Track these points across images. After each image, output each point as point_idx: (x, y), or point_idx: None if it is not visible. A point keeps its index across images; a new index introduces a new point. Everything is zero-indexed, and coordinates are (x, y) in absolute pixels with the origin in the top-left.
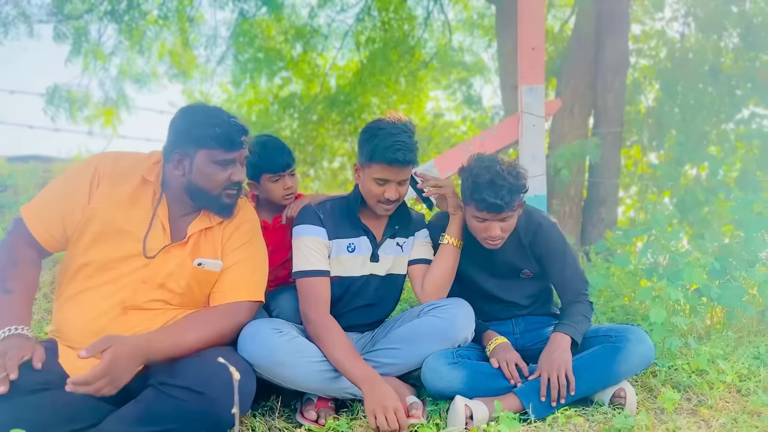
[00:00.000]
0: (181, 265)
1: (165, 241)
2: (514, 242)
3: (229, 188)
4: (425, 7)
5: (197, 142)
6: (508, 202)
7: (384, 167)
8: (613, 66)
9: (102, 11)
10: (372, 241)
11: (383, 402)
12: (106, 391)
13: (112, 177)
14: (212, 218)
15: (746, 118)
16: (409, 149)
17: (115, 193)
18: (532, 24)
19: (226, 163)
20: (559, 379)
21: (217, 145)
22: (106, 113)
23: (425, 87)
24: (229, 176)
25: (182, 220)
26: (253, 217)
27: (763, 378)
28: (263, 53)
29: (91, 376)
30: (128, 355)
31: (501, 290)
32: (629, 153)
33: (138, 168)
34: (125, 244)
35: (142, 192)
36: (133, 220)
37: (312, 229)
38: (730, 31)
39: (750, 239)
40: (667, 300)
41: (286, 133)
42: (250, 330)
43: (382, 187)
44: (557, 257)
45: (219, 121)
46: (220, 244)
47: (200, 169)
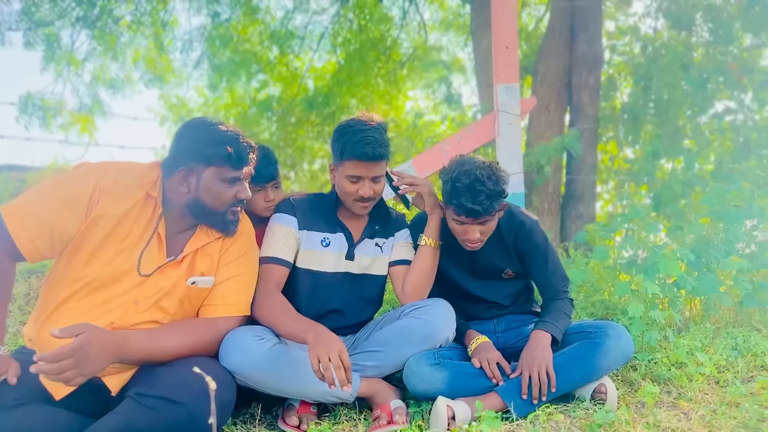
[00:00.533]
0: (175, 284)
1: (160, 260)
2: (497, 241)
3: (235, 205)
4: (401, 7)
5: (206, 159)
6: (487, 208)
7: (355, 163)
8: (587, 63)
9: (74, 17)
10: (348, 238)
11: (328, 345)
12: (70, 374)
13: (114, 193)
14: (210, 234)
15: (719, 111)
16: (378, 144)
17: (119, 210)
18: (505, 23)
19: (234, 180)
20: (540, 376)
21: (226, 163)
22: (82, 120)
23: (403, 87)
24: (236, 194)
25: (179, 237)
26: (249, 230)
27: (741, 369)
28: (239, 56)
29: (57, 354)
30: (100, 344)
31: (483, 291)
32: (606, 149)
33: (142, 183)
34: (120, 262)
35: (144, 208)
36: (131, 236)
37: (283, 218)
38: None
39: (726, 230)
40: (645, 294)
41: (264, 136)
42: (231, 337)
43: (355, 185)
44: (539, 255)
45: (229, 139)
46: (217, 257)
47: (208, 187)
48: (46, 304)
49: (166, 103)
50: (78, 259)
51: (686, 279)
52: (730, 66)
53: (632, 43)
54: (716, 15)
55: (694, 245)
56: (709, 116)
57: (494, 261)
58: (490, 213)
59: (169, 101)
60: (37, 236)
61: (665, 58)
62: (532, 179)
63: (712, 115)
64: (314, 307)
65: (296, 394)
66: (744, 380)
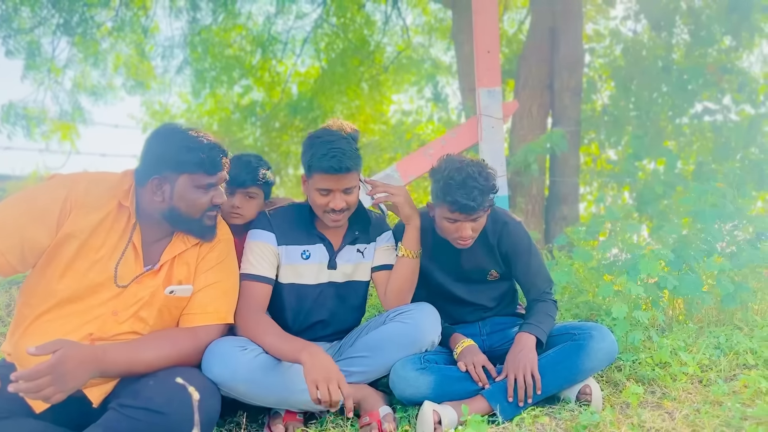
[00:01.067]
0: (154, 294)
1: (137, 269)
2: (482, 242)
3: (210, 211)
4: (383, 12)
5: (179, 167)
6: (480, 203)
7: (324, 177)
8: (568, 65)
9: (54, 24)
10: (329, 248)
11: (327, 373)
12: (49, 392)
13: (86, 205)
14: (186, 241)
15: (699, 112)
16: (347, 156)
17: (90, 221)
18: (486, 28)
19: (209, 186)
20: (525, 379)
21: (200, 169)
22: (63, 128)
23: (387, 91)
24: (211, 199)
25: (155, 246)
26: (227, 236)
27: (724, 367)
28: (222, 62)
29: (34, 371)
30: (78, 359)
31: (468, 294)
32: (588, 150)
33: (114, 193)
34: (95, 274)
35: (117, 218)
36: (106, 247)
37: (260, 234)
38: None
39: (707, 230)
40: (628, 294)
41: (249, 141)
42: (214, 348)
43: (326, 198)
44: (523, 255)
45: (201, 145)
46: (194, 265)
47: (182, 195)
48: (23, 318)
49: (148, 109)
50: (52, 271)
51: (667, 279)
52: (708, 68)
53: (613, 45)
54: (696, 18)
55: (675, 245)
56: (690, 117)
57: (479, 262)
58: (483, 208)
59: (152, 108)
60: (7, 250)
61: (645, 60)
62: (516, 182)
63: (692, 115)
64: (300, 320)
65: (281, 404)
66: (726, 379)
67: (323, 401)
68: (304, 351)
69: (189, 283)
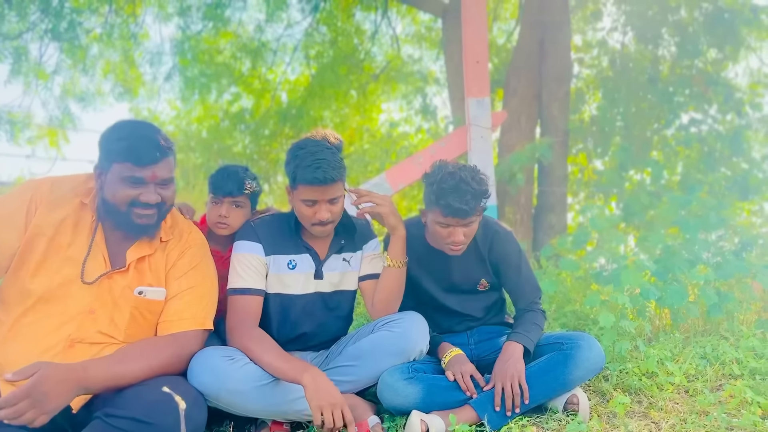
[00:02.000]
0: (122, 294)
1: (105, 268)
2: (472, 251)
3: (138, 207)
4: (373, 21)
5: (110, 155)
6: (473, 207)
7: (308, 188)
8: (557, 76)
9: (42, 29)
10: (315, 258)
11: (331, 399)
12: (30, 415)
13: (50, 202)
14: (152, 244)
15: (685, 123)
16: (331, 167)
17: (55, 218)
18: (475, 38)
19: (136, 181)
20: (513, 388)
21: (124, 159)
22: (50, 134)
23: (377, 100)
24: (138, 195)
25: (122, 245)
26: (199, 242)
27: (710, 377)
28: (211, 69)
29: (11, 397)
30: (57, 380)
31: (458, 304)
32: (575, 160)
33: (76, 192)
34: (67, 272)
35: (81, 216)
36: (74, 245)
37: (248, 245)
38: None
39: (692, 240)
40: (615, 303)
41: (238, 148)
42: (200, 358)
43: (312, 209)
44: (513, 264)
45: (129, 134)
46: (163, 271)
47: (110, 184)
48: (0, 324)
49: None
50: (25, 272)
51: (650, 290)
52: (694, 80)
53: (600, 56)
54: (682, 30)
55: (660, 256)
56: (676, 128)
57: (470, 271)
58: (476, 212)
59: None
60: None
61: (632, 72)
62: (505, 191)
63: (678, 127)
64: (286, 330)
65: (268, 415)
66: (713, 389)
67: (328, 427)
68: (306, 374)
69: (160, 287)
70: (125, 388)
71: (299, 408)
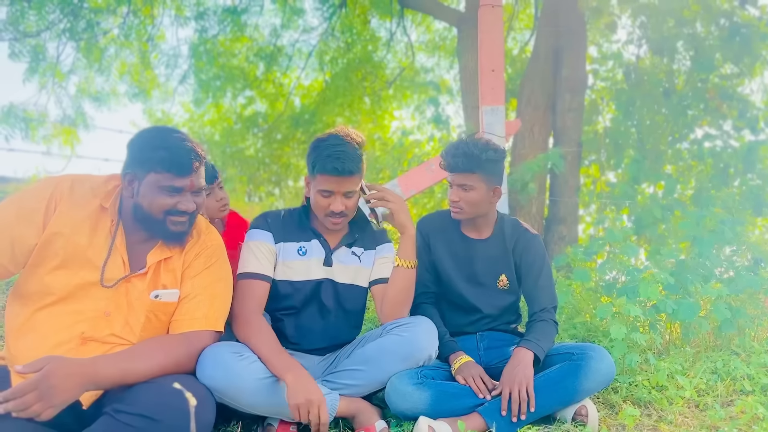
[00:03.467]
0: (139, 297)
1: (124, 272)
2: (499, 243)
3: (175, 215)
4: (388, 29)
5: (147, 164)
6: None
7: (326, 178)
8: (571, 87)
9: (60, 29)
10: (324, 245)
11: (308, 395)
12: (37, 408)
13: (70, 201)
14: (172, 247)
15: (699, 138)
16: (350, 159)
17: (74, 217)
18: (491, 47)
19: (173, 189)
20: (520, 393)
21: (164, 169)
22: (65, 132)
23: (389, 107)
24: (176, 204)
25: (141, 248)
26: (216, 243)
27: (721, 392)
28: (226, 72)
29: (19, 389)
30: (65, 374)
31: (474, 296)
32: (588, 172)
33: (96, 193)
34: (85, 273)
35: (101, 218)
36: (93, 246)
37: (258, 234)
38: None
39: (704, 255)
40: (627, 316)
41: (250, 152)
42: (209, 354)
43: (327, 200)
44: (535, 267)
45: (169, 144)
46: (180, 271)
47: (146, 193)
48: (14, 316)
49: (150, 117)
50: (43, 270)
51: (666, 303)
52: (709, 94)
53: (615, 68)
54: (698, 44)
55: (673, 270)
56: (690, 142)
57: (493, 262)
58: (468, 170)
59: (154, 116)
60: None
61: (647, 85)
62: (516, 201)
63: (692, 141)
64: (297, 318)
65: (275, 413)
66: (723, 404)
67: (307, 423)
68: (289, 373)
69: (175, 288)
70: (135, 384)
71: None
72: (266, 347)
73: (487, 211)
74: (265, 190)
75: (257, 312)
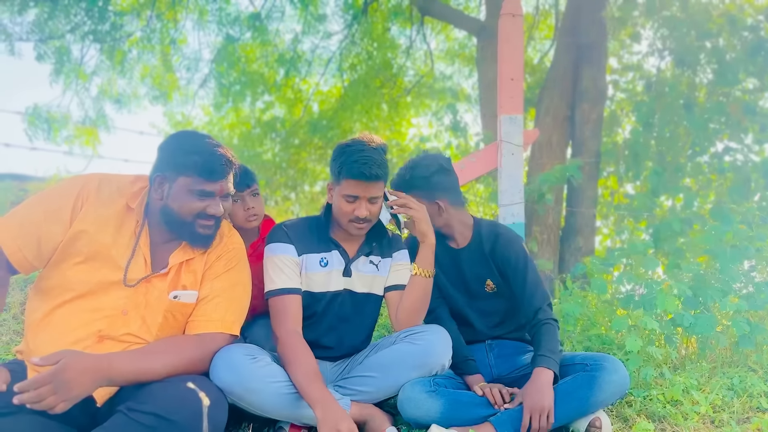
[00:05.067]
0: (159, 297)
1: (146, 272)
2: (477, 249)
3: (204, 219)
4: (408, 36)
5: (177, 167)
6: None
7: (352, 183)
8: (590, 98)
9: (84, 31)
10: (344, 255)
11: (338, 425)
12: (51, 401)
13: (97, 200)
14: (196, 249)
15: (720, 151)
16: (377, 164)
17: (99, 216)
18: (511, 56)
19: (204, 194)
20: (541, 421)
21: (196, 173)
22: (86, 133)
23: (407, 114)
24: (205, 208)
25: (164, 249)
26: (237, 246)
27: (737, 409)
28: (246, 77)
29: (34, 381)
30: (81, 369)
31: (468, 305)
32: (606, 183)
33: (122, 193)
34: (107, 271)
35: (126, 218)
36: (116, 245)
37: (280, 247)
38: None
39: (724, 270)
40: (643, 329)
41: (267, 156)
42: (223, 355)
43: (352, 205)
44: (518, 266)
45: (201, 149)
46: (200, 273)
47: (176, 196)
48: (33, 310)
49: (170, 120)
50: (66, 266)
51: (684, 316)
52: (730, 108)
53: (635, 80)
54: (720, 57)
55: (691, 283)
56: (710, 155)
57: (476, 269)
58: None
59: (174, 118)
60: (24, 246)
61: (668, 97)
62: (533, 211)
63: (712, 154)
64: (314, 327)
65: (287, 417)
66: (739, 421)
67: None
68: (319, 404)
69: (194, 289)
70: (149, 383)
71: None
72: (301, 373)
73: (447, 223)
74: (282, 195)
75: (296, 331)
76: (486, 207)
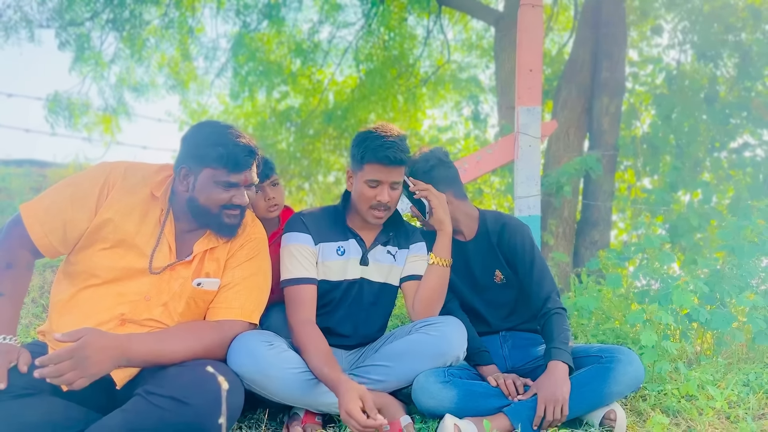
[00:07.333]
0: (183, 284)
1: (171, 259)
2: (483, 240)
3: (230, 209)
4: (425, 26)
5: (203, 160)
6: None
7: (376, 167)
8: (609, 90)
9: (104, 19)
10: (361, 244)
11: (361, 395)
12: (71, 376)
13: (122, 188)
14: (219, 237)
15: (740, 146)
16: (400, 149)
17: (124, 204)
18: (530, 47)
19: (229, 185)
20: (555, 413)
21: (220, 165)
22: (105, 120)
23: (423, 105)
24: (231, 198)
25: (189, 237)
26: (259, 235)
27: (753, 405)
28: (263, 67)
29: (54, 356)
30: (100, 346)
31: (478, 297)
32: (623, 177)
33: (147, 182)
34: (132, 258)
35: (151, 207)
36: (141, 234)
37: (297, 236)
38: (726, 61)
39: (741, 265)
40: (658, 324)
41: (282, 146)
42: (240, 341)
43: (374, 190)
44: (525, 258)
45: (228, 142)
46: (223, 260)
47: (202, 188)
48: (60, 293)
49: (186, 108)
50: (92, 252)
51: (700, 311)
52: (752, 103)
53: (655, 73)
54: (743, 51)
55: (707, 279)
56: (729, 151)
57: (484, 261)
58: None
59: (190, 107)
60: (50, 231)
61: (688, 90)
62: (549, 203)
63: (731, 149)
64: (330, 315)
65: (302, 404)
66: (755, 417)
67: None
68: (341, 385)
69: (217, 277)
70: (167, 366)
71: (329, 401)
72: (316, 356)
73: (453, 216)
74: (296, 185)
75: (310, 320)
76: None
